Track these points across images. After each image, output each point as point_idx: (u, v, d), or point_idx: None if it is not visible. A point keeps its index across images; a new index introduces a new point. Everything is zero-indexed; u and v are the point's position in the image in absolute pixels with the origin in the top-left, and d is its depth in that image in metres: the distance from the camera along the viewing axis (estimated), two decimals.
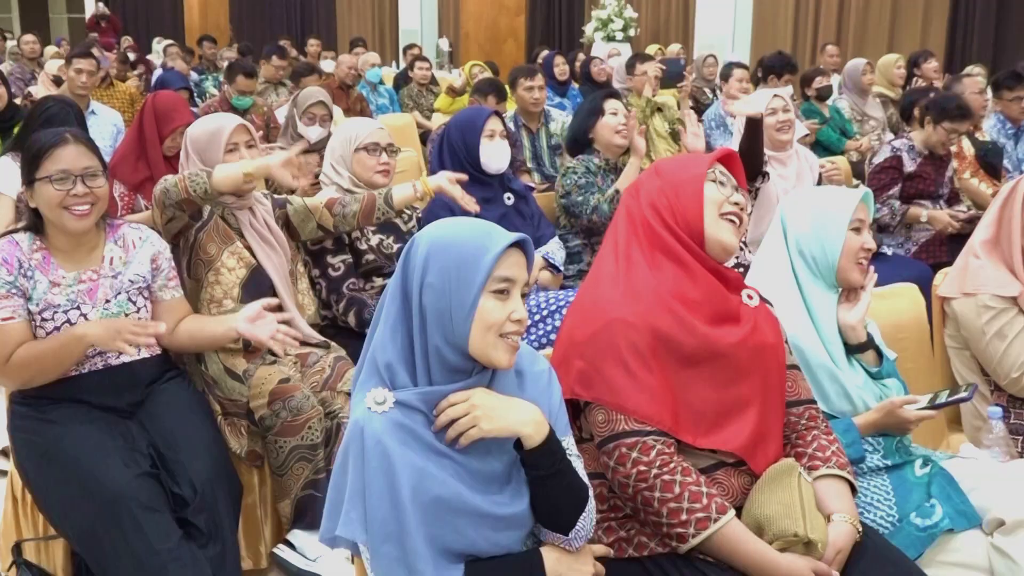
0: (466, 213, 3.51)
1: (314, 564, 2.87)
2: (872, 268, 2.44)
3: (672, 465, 1.88)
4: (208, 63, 12.23)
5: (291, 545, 2.93)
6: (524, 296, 1.77)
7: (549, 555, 1.79)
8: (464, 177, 3.40)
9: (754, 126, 3.90)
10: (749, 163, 3.88)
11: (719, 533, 1.86)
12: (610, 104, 4.13)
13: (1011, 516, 2.11)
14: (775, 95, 4.30)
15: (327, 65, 10.58)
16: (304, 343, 3.16)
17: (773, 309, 2.18)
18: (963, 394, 2.41)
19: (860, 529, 1.98)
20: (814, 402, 2.16)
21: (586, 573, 1.82)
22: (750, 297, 2.10)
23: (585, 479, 1.84)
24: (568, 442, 1.86)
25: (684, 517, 1.86)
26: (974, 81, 5.84)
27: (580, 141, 4.20)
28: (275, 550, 2.96)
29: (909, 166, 4.76)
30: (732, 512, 1.89)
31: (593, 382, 1.93)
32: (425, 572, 1.65)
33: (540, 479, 1.77)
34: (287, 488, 2.88)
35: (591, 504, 1.83)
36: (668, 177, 2.05)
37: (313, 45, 13.22)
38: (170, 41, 12.43)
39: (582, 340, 1.95)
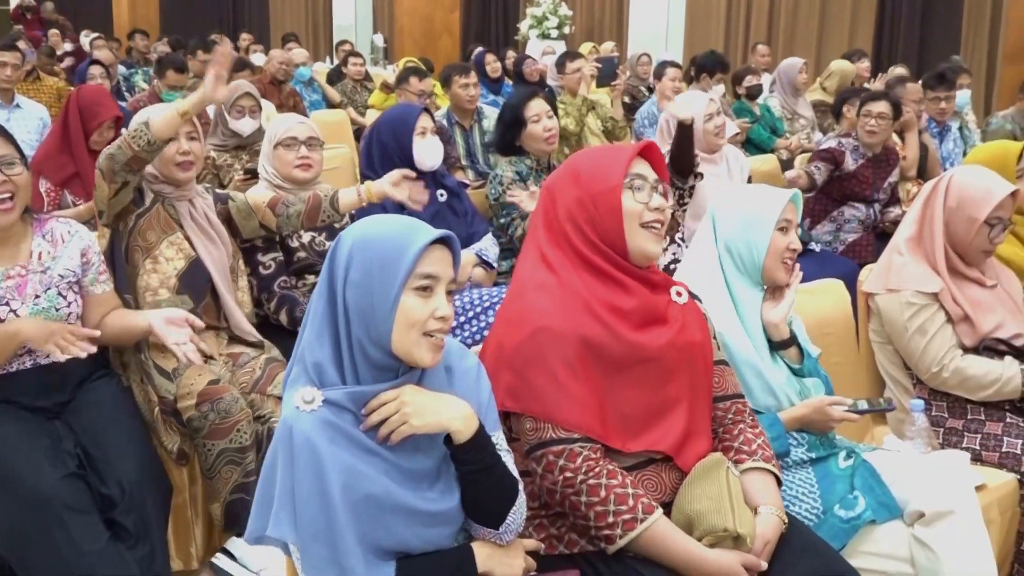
0: (400, 211, 3.50)
1: None
2: (798, 267, 2.48)
3: (598, 469, 1.89)
4: (139, 57, 12.02)
5: (230, 555, 2.89)
6: (452, 294, 1.76)
7: (480, 550, 1.80)
8: (412, 174, 3.35)
9: (685, 130, 3.90)
10: (681, 164, 3.92)
11: (646, 533, 1.88)
12: (530, 110, 4.06)
13: (930, 508, 2.16)
14: (710, 99, 4.32)
15: (257, 59, 10.44)
16: (238, 341, 3.13)
17: (702, 305, 2.20)
18: (883, 405, 2.51)
19: (786, 520, 2.01)
20: (741, 396, 2.19)
21: (517, 568, 1.82)
22: (679, 294, 2.11)
23: (515, 473, 1.85)
24: (498, 437, 1.87)
25: (611, 520, 1.87)
26: (916, 88, 5.97)
27: (509, 148, 4.17)
28: (213, 559, 2.91)
29: (850, 164, 4.82)
30: (659, 511, 1.91)
31: (521, 394, 1.92)
32: (356, 570, 1.64)
33: (470, 474, 1.77)
34: (216, 491, 2.85)
35: (521, 498, 1.84)
36: (585, 186, 2.00)
37: (245, 40, 13.05)
38: (97, 34, 12.17)
39: (510, 350, 1.94)
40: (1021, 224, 3.17)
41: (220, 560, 2.89)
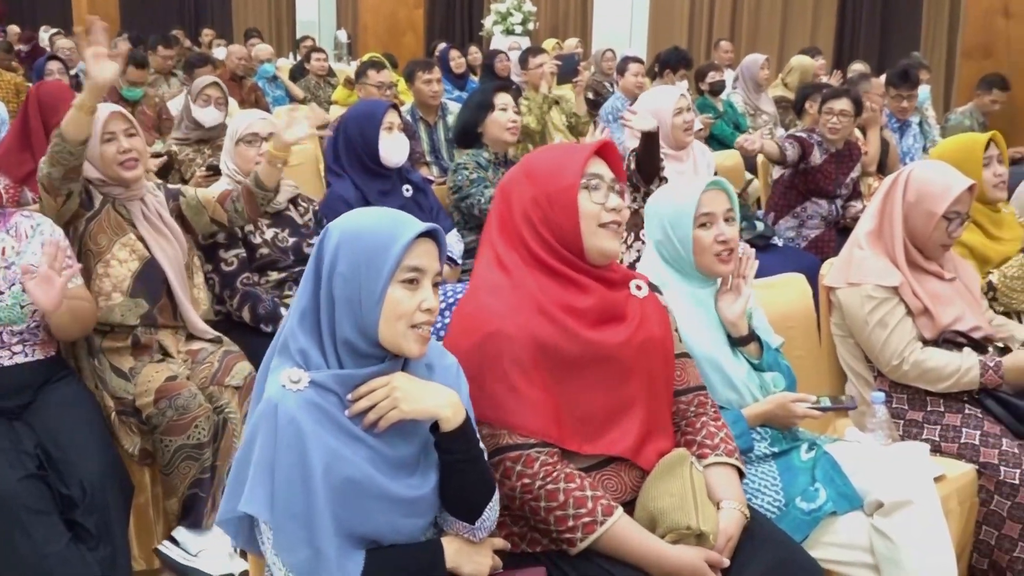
0: (363, 205, 3.49)
1: (195, 559, 2.84)
2: (754, 263, 2.48)
3: (555, 474, 1.89)
4: None
5: (175, 542, 2.89)
6: (437, 286, 1.78)
7: (450, 545, 1.80)
8: (322, 120, 3.30)
9: (650, 139, 3.89)
10: (647, 171, 3.93)
11: (606, 534, 1.88)
12: (500, 99, 4.10)
13: (889, 498, 2.19)
14: (680, 95, 4.33)
15: (219, 52, 10.36)
16: (196, 337, 3.11)
17: (662, 297, 2.19)
18: (845, 403, 2.53)
19: (748, 515, 2.02)
20: (703, 388, 2.20)
21: (484, 565, 1.83)
22: (639, 288, 2.10)
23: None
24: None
25: (571, 523, 1.87)
26: (879, 84, 6.03)
27: (469, 134, 4.17)
28: (159, 546, 2.91)
29: (816, 158, 4.86)
30: (619, 512, 1.91)
31: (476, 400, 1.91)
32: (329, 552, 1.64)
33: (455, 463, 1.77)
34: (174, 487, 2.83)
35: (497, 496, 1.84)
36: (541, 186, 1.98)
37: (207, 35, 12.94)
38: (57, 29, 12.02)
39: (464, 353, 1.93)
40: (984, 213, 3.20)
41: (165, 546, 2.90)
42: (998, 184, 3.21)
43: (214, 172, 4.33)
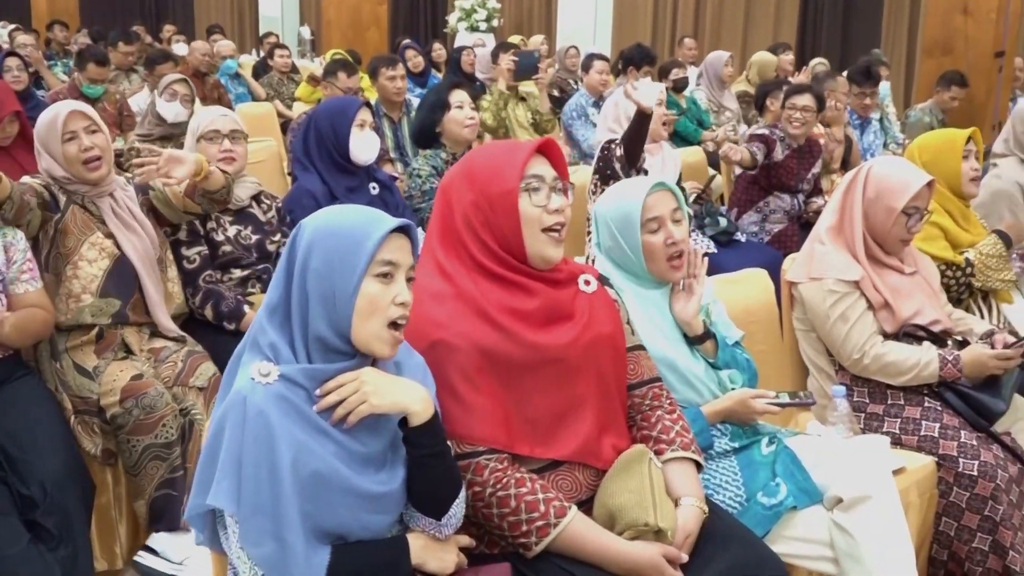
0: (332, 201, 3.48)
1: (181, 568, 2.80)
2: (704, 261, 2.48)
3: (506, 480, 1.88)
4: (58, 48, 11.74)
5: (153, 551, 2.85)
6: (411, 281, 1.78)
7: (415, 541, 1.80)
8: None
9: (643, 119, 3.95)
10: (633, 151, 4.03)
11: (561, 536, 1.87)
12: (455, 96, 4.08)
13: (848, 493, 2.21)
14: (660, 90, 4.38)
15: (180, 49, 10.27)
16: (159, 336, 3.08)
17: (612, 290, 2.17)
18: (804, 399, 2.54)
19: (707, 511, 2.02)
20: (658, 380, 2.18)
21: (449, 562, 1.83)
22: (587, 283, 2.08)
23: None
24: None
25: (524, 528, 1.87)
26: (844, 82, 6.08)
27: (428, 135, 4.15)
28: (136, 558, 2.87)
29: (778, 154, 4.89)
30: (572, 512, 1.90)
31: None
32: (295, 545, 1.64)
33: (423, 458, 1.77)
34: (141, 488, 2.81)
35: (463, 493, 1.84)
36: (481, 189, 1.95)
37: (168, 31, 12.82)
38: (15, 25, 11.86)
39: None
40: (955, 204, 3.26)
41: (143, 557, 2.85)
42: (974, 178, 3.28)
43: None
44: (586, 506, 1.98)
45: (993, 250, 3.23)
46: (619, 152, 4.04)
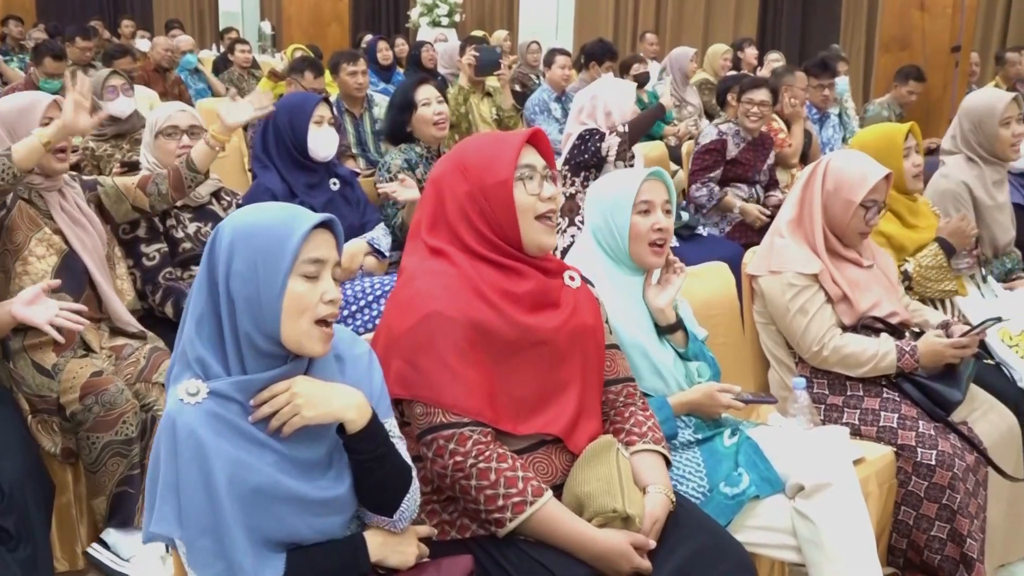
0: (292, 199, 3.46)
1: (127, 564, 2.79)
2: (671, 254, 2.51)
3: (488, 453, 1.90)
4: (13, 44, 11.56)
5: (106, 544, 2.84)
6: (341, 281, 1.76)
7: (373, 538, 1.79)
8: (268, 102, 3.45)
9: (659, 111, 4.35)
10: (636, 134, 4.39)
11: (536, 515, 1.89)
12: (421, 94, 4.07)
13: (810, 481, 2.23)
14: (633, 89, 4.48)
15: (143, 44, 10.15)
16: (120, 333, 3.05)
17: (594, 289, 2.23)
18: (766, 398, 2.60)
19: (674, 500, 2.05)
20: (632, 380, 2.23)
21: (410, 555, 1.83)
22: (572, 279, 2.14)
23: (408, 461, 1.85)
24: (391, 424, 1.86)
25: (501, 503, 1.88)
26: (804, 77, 6.13)
27: (399, 135, 4.15)
28: (89, 549, 2.86)
29: (732, 151, 4.94)
30: (548, 494, 1.92)
31: (411, 380, 1.92)
32: (244, 564, 1.62)
33: (364, 463, 1.76)
34: (101, 485, 2.78)
35: (415, 485, 1.84)
36: (475, 180, 2.00)
37: (127, 26, 12.67)
38: None
39: (400, 334, 1.94)
40: (902, 202, 3.28)
41: (96, 551, 2.84)
42: (917, 174, 3.30)
43: (130, 169, 4.24)
44: (557, 492, 1.99)
45: (933, 261, 3.24)
46: (617, 142, 4.22)
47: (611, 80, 4.75)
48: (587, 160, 4.30)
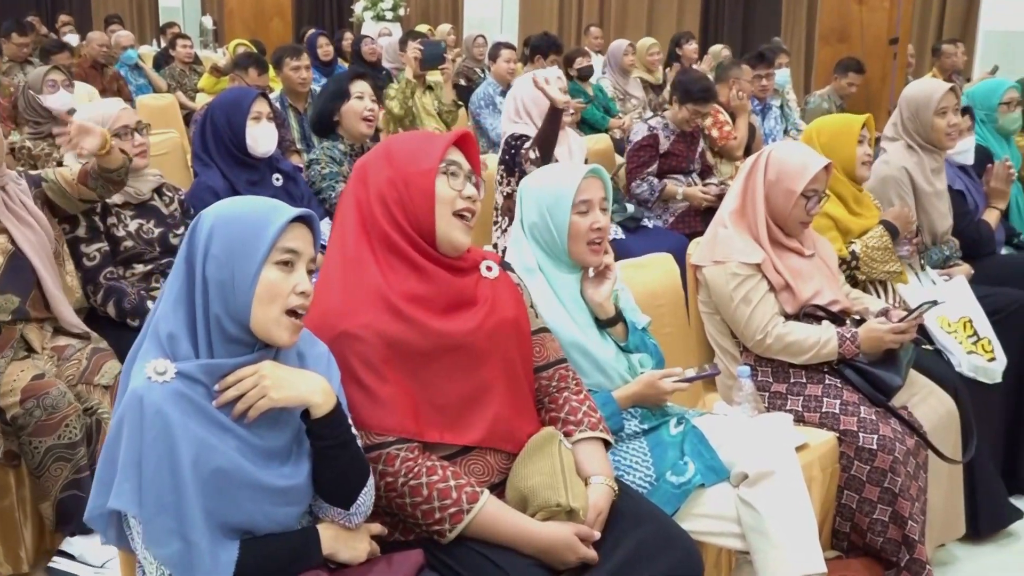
0: (235, 193, 3.42)
1: (103, 571, 2.75)
2: (608, 251, 2.51)
3: (417, 469, 1.89)
4: None
5: (69, 555, 2.78)
6: (311, 273, 1.77)
7: (326, 532, 1.80)
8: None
9: (556, 116, 4.07)
10: (548, 151, 4.12)
11: (475, 521, 1.89)
12: (356, 87, 4.05)
13: (753, 470, 2.26)
14: (558, 76, 4.42)
15: (71, 39, 9.99)
16: (63, 333, 3.00)
17: (514, 275, 2.21)
18: (709, 370, 2.63)
19: (616, 489, 2.06)
20: (564, 361, 2.21)
21: (361, 551, 1.83)
22: (489, 269, 2.11)
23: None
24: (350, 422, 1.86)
25: (438, 515, 1.88)
26: (748, 71, 6.20)
27: (325, 123, 4.12)
28: (50, 564, 2.80)
29: (664, 144, 4.99)
30: (485, 496, 1.92)
31: None
32: (200, 544, 1.62)
33: (327, 449, 1.77)
34: (46, 490, 2.74)
35: (371, 481, 1.84)
36: (399, 167, 1.99)
37: (64, 22, 12.45)
38: None
39: None
40: (848, 189, 3.34)
41: (57, 563, 2.79)
42: (867, 162, 3.37)
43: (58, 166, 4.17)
44: (498, 489, 2.00)
45: (879, 243, 3.31)
46: (533, 155, 4.08)
47: (525, 77, 4.74)
48: (515, 164, 4.26)
